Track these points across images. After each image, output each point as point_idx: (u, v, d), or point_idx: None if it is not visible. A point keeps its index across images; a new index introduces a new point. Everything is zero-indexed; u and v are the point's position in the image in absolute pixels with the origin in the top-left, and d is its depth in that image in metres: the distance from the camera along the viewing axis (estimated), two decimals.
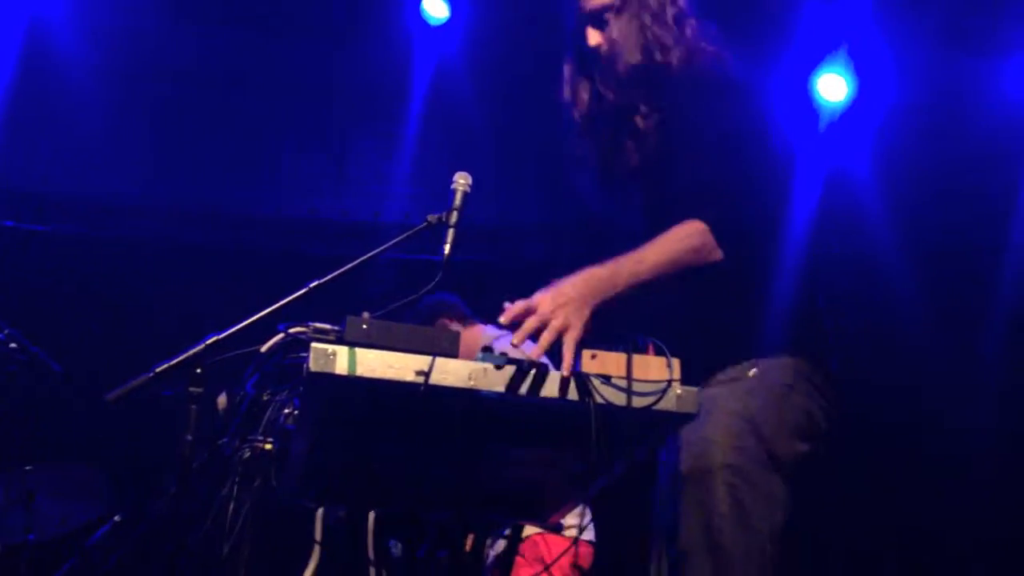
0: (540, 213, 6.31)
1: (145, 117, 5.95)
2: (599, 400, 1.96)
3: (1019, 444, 5.42)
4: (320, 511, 2.70)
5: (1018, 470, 5.37)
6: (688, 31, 2.55)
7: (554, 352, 2.06)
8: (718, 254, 2.30)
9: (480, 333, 4.14)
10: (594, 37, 2.56)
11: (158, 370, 2.18)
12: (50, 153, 5.91)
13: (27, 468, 3.96)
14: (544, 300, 2.10)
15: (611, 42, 2.52)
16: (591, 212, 2.69)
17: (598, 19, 2.56)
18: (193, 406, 2.18)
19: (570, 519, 3.52)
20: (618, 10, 2.54)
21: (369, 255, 2.38)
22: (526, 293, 2.18)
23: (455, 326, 4.08)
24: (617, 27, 2.52)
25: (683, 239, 2.27)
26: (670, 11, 2.55)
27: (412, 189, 6.17)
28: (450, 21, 5.60)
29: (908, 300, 5.78)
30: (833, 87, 5.37)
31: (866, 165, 5.72)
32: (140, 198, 5.97)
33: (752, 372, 2.35)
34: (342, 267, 2.38)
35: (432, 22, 5.60)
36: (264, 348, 2.08)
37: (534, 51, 5.98)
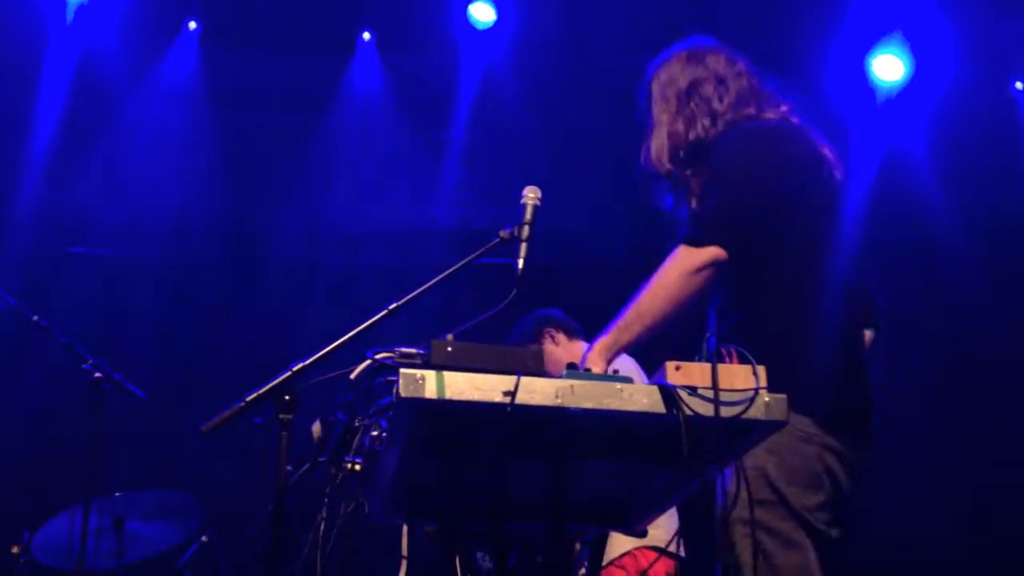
0: (589, 216, 6.29)
1: (208, 140, 6.01)
2: (687, 412, 1.97)
3: None
4: (405, 527, 2.74)
5: None
6: (723, 100, 2.71)
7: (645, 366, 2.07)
8: (704, 254, 2.43)
9: (581, 350, 4.10)
10: None
11: (249, 399, 2.22)
12: (111, 180, 6.00)
13: (116, 494, 4.05)
14: None
15: (656, 122, 2.78)
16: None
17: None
18: (284, 432, 2.23)
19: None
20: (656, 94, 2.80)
21: (451, 270, 2.43)
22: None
23: (560, 338, 4.06)
24: (656, 109, 2.78)
25: (657, 274, 2.46)
26: (705, 88, 2.73)
27: (465, 195, 6.20)
28: (496, 25, 5.60)
29: (969, 282, 5.69)
30: (889, 67, 5.31)
31: (923, 145, 5.64)
32: (207, 220, 6.06)
33: None
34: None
35: (479, 26, 5.61)
36: (353, 375, 2.11)
37: (580, 53, 6.01)
